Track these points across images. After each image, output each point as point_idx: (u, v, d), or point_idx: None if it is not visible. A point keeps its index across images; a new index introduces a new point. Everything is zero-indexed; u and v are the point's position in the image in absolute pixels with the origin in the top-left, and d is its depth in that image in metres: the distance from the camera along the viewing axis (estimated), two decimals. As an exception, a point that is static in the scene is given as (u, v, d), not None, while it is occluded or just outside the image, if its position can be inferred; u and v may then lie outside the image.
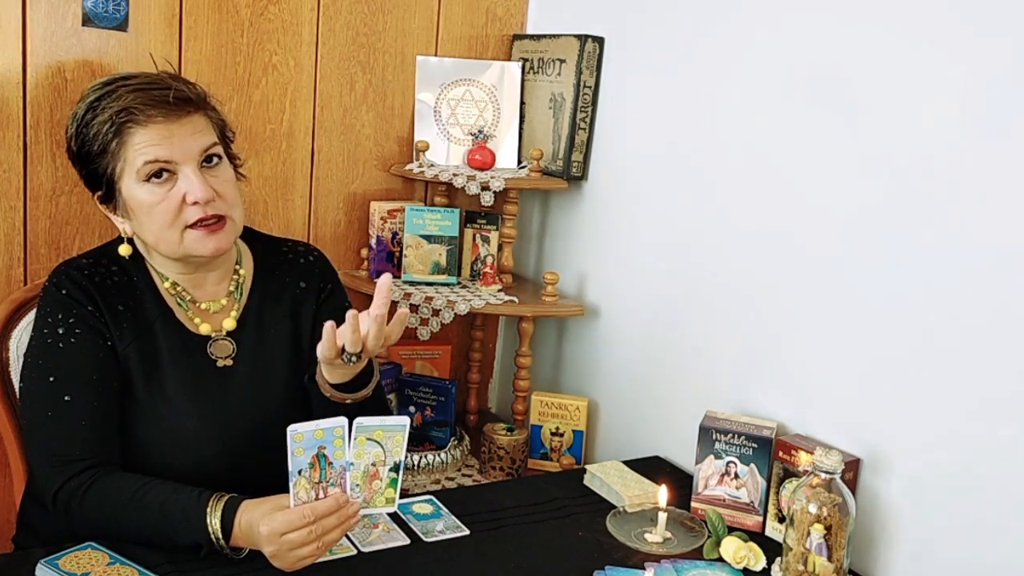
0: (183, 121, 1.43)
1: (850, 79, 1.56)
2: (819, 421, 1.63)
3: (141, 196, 1.43)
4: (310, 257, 1.67)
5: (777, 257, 1.71)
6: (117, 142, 1.42)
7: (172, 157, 1.42)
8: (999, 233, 1.36)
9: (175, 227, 1.44)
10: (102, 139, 1.42)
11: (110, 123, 1.41)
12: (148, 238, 1.48)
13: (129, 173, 1.43)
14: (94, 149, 1.44)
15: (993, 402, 1.37)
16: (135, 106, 1.40)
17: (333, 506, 1.30)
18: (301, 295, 1.62)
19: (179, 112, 1.42)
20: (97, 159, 1.44)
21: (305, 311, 1.61)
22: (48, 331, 1.45)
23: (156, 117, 1.41)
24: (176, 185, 1.43)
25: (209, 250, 1.46)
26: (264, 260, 1.63)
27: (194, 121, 1.45)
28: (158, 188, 1.43)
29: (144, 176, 1.42)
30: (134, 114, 1.40)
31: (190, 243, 1.45)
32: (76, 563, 1.33)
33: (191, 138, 1.43)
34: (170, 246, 1.46)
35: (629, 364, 2.08)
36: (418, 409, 2.18)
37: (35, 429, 1.45)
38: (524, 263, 2.42)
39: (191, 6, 1.96)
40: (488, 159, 2.19)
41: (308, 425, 1.28)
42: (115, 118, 1.40)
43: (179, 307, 1.53)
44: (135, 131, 1.41)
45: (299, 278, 1.63)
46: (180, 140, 1.42)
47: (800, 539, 1.40)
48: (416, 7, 2.22)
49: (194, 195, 1.42)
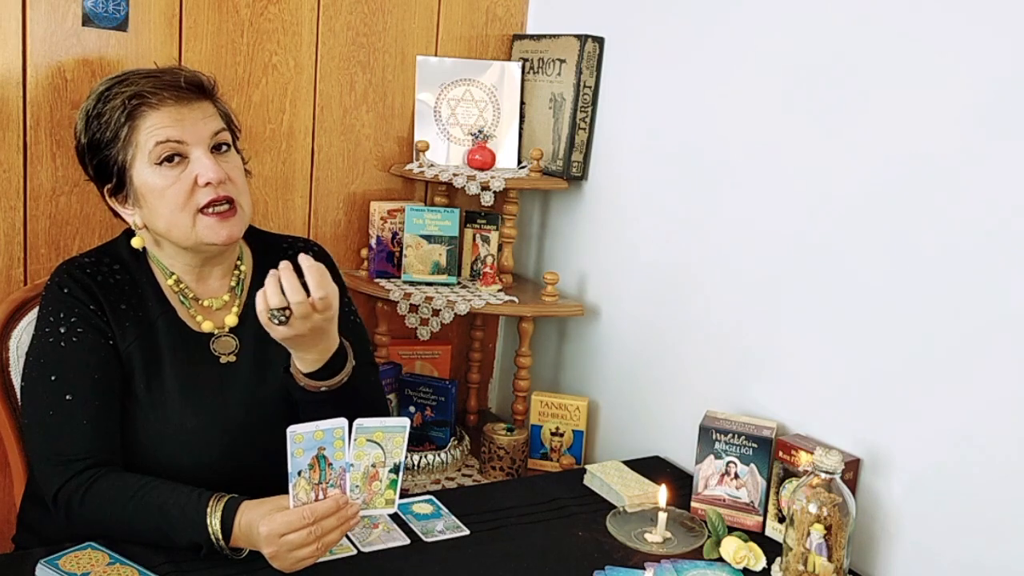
0: (193, 106, 1.46)
1: (851, 80, 1.56)
2: (819, 421, 1.63)
3: (153, 180, 1.44)
4: (310, 252, 1.67)
5: (777, 257, 1.71)
6: (129, 126, 1.43)
7: (183, 138, 1.44)
8: (1000, 233, 1.35)
9: (187, 210, 1.45)
10: (115, 124, 1.44)
11: (122, 107, 1.43)
12: (160, 224, 1.48)
13: (141, 158, 1.44)
14: (106, 136, 1.45)
15: (993, 402, 1.37)
16: (147, 90, 1.43)
17: (333, 507, 1.30)
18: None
19: (190, 96, 1.46)
20: (108, 147, 1.45)
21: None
22: (50, 330, 1.45)
23: (168, 100, 1.44)
24: (188, 168, 1.44)
25: (222, 238, 1.47)
26: (264, 256, 1.63)
27: (203, 107, 1.48)
28: (170, 171, 1.44)
29: (156, 159, 1.43)
30: (146, 97, 1.43)
31: (202, 230, 1.46)
32: (76, 563, 1.33)
33: (202, 122, 1.46)
34: (183, 231, 1.46)
35: (629, 364, 2.08)
36: (418, 409, 2.18)
37: (36, 428, 1.45)
38: (524, 263, 2.42)
39: (191, 6, 1.96)
40: (488, 159, 2.19)
41: (308, 426, 1.28)
42: (127, 102, 1.43)
43: (181, 304, 1.53)
44: (147, 114, 1.43)
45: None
46: (191, 123, 1.45)
47: (800, 539, 1.40)
48: (416, 7, 2.22)
49: (206, 176, 1.43)
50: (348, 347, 1.50)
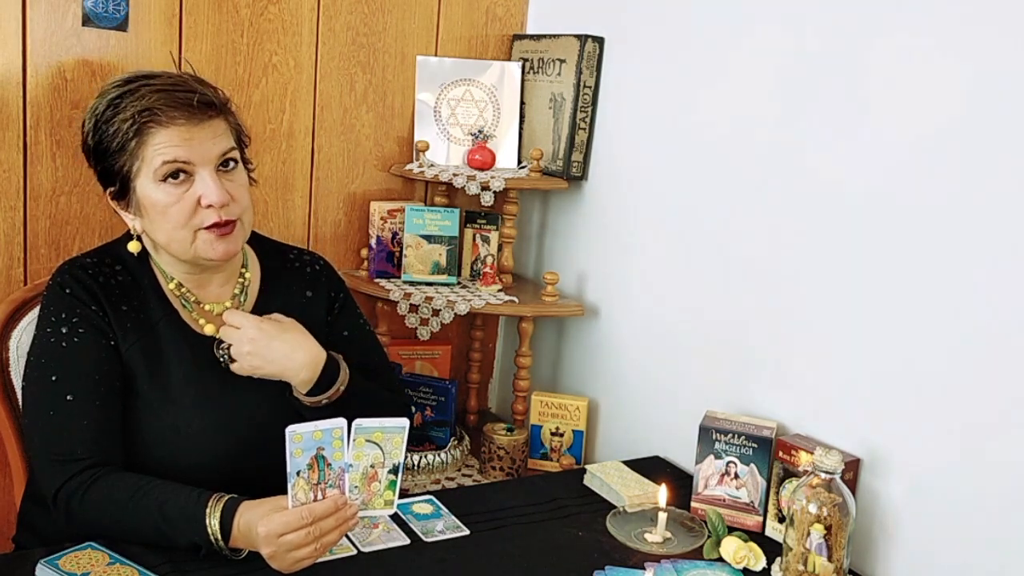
0: (204, 125, 1.43)
1: (852, 79, 1.56)
2: (819, 421, 1.63)
3: (156, 196, 1.44)
4: (316, 266, 1.68)
5: (777, 257, 1.71)
6: (137, 141, 1.42)
7: (191, 159, 1.42)
8: (1001, 234, 1.35)
9: (188, 228, 1.45)
10: (122, 137, 1.42)
11: (132, 121, 1.41)
12: (160, 238, 1.48)
13: (146, 172, 1.43)
14: (113, 146, 1.44)
15: (993, 402, 1.37)
16: (158, 107, 1.41)
17: (331, 508, 1.30)
18: (307, 303, 1.63)
19: (201, 116, 1.43)
20: (115, 156, 1.44)
21: (311, 320, 1.59)
22: (51, 330, 1.45)
23: (178, 119, 1.41)
24: (192, 187, 1.43)
25: (219, 254, 1.47)
26: (270, 265, 1.64)
27: (214, 125, 1.45)
28: (174, 189, 1.43)
29: (161, 176, 1.42)
30: (156, 114, 1.41)
31: (201, 246, 1.46)
32: (76, 563, 1.33)
33: (211, 141, 1.44)
34: (181, 246, 1.47)
35: (629, 364, 2.08)
36: (418, 409, 2.18)
37: (36, 428, 1.45)
38: (524, 263, 2.42)
39: (191, 6, 1.96)
40: (488, 159, 2.19)
41: (307, 426, 1.28)
42: (137, 117, 1.41)
43: (183, 308, 1.54)
44: (156, 131, 1.41)
45: (305, 287, 1.64)
46: (200, 143, 1.43)
47: (800, 539, 1.40)
48: (416, 7, 2.22)
49: (209, 198, 1.43)
50: (339, 357, 1.54)
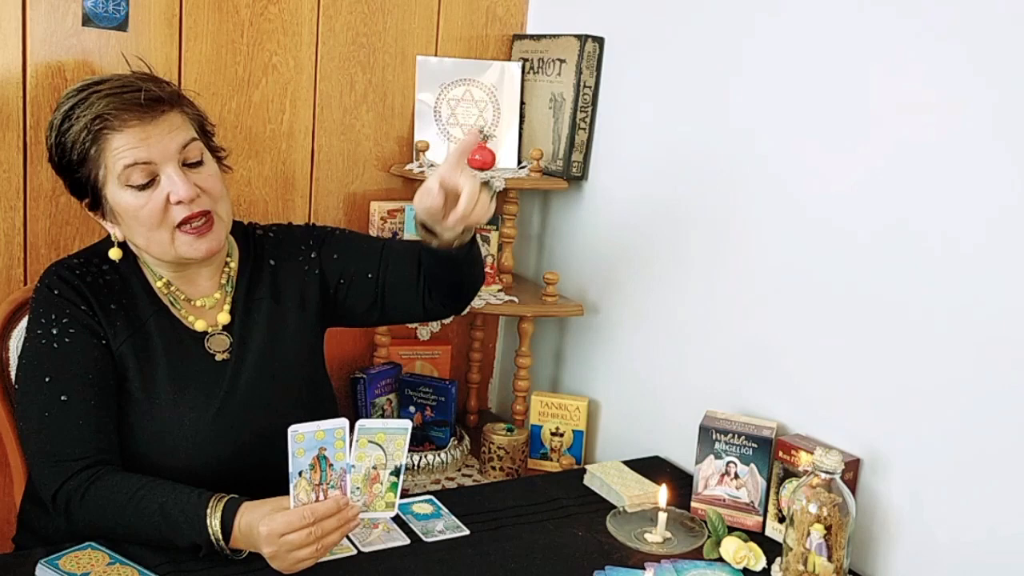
0: (158, 121, 1.43)
1: (855, 79, 1.56)
2: (819, 421, 1.63)
3: (126, 200, 1.44)
4: (270, 232, 1.67)
5: (776, 257, 1.71)
6: (96, 149, 1.42)
7: (151, 158, 1.42)
8: (1001, 234, 1.35)
9: (163, 228, 1.45)
10: (80, 147, 1.42)
11: (86, 131, 1.41)
12: (139, 241, 1.48)
13: (112, 179, 1.43)
14: (74, 158, 1.44)
15: (993, 402, 1.37)
16: (108, 112, 1.40)
17: (333, 508, 1.30)
18: (275, 270, 1.62)
19: (153, 113, 1.43)
20: (79, 168, 1.45)
21: (286, 284, 1.60)
22: (42, 332, 1.45)
23: (131, 121, 1.41)
24: (159, 186, 1.43)
25: (201, 253, 1.47)
26: (245, 248, 1.63)
27: (169, 120, 1.45)
28: (141, 192, 1.43)
29: (126, 180, 1.42)
30: (108, 120, 1.40)
31: (181, 246, 1.46)
32: (76, 563, 1.33)
33: (168, 136, 1.43)
34: (162, 247, 1.46)
35: (629, 364, 2.08)
36: (418, 409, 2.18)
37: (33, 430, 1.44)
38: (524, 263, 2.42)
39: (191, 6, 1.96)
40: (488, 159, 2.19)
41: (309, 426, 1.28)
42: (90, 125, 1.41)
43: (172, 305, 1.54)
44: (112, 137, 1.41)
45: (269, 256, 1.63)
46: (157, 140, 1.42)
47: (800, 539, 1.40)
48: (416, 7, 2.22)
49: (177, 195, 1.42)
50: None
